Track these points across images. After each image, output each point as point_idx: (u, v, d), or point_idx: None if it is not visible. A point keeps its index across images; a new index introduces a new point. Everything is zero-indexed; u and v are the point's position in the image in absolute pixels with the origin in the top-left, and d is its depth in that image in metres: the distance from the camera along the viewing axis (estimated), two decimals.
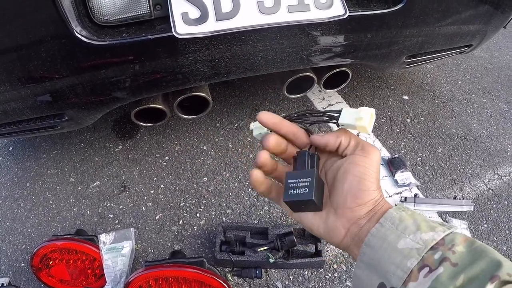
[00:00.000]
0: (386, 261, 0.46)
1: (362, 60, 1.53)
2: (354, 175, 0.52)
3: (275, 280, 1.41)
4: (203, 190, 1.73)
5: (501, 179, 1.82)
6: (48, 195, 1.78)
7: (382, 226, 0.48)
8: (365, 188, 0.51)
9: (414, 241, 0.45)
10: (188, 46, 1.16)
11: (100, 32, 1.12)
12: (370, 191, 0.51)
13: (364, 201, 0.51)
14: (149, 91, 1.31)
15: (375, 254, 0.47)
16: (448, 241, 0.45)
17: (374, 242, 0.48)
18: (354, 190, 0.51)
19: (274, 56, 1.31)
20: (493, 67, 2.65)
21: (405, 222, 0.47)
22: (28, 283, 1.46)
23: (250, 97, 2.26)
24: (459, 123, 2.13)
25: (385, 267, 0.46)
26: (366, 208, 0.51)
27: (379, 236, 0.48)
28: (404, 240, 0.46)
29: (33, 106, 1.28)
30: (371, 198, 0.51)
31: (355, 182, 0.51)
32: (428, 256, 0.44)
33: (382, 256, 0.46)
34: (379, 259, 0.47)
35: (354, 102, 2.23)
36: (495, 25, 1.73)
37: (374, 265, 0.47)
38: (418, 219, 0.48)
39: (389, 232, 0.47)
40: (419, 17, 1.44)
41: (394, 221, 0.48)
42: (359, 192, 0.51)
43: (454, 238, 0.45)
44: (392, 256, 0.46)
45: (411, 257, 0.44)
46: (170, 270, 1.22)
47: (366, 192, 0.51)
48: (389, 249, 0.46)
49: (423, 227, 0.46)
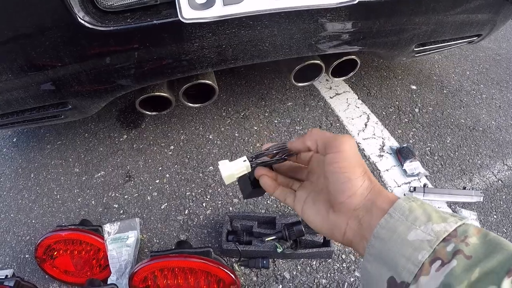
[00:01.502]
0: (396, 253, 0.44)
1: (371, 47, 1.50)
2: (332, 173, 0.52)
3: (282, 270, 1.39)
4: (209, 180, 1.72)
5: (510, 170, 1.79)
6: (53, 186, 1.76)
7: (391, 217, 0.46)
8: (345, 180, 0.51)
9: (425, 232, 0.43)
10: (194, 31, 1.14)
11: (104, 18, 1.10)
12: (351, 180, 0.51)
13: (352, 191, 0.51)
14: (154, 78, 1.29)
15: (384, 246, 0.45)
16: (460, 233, 0.43)
17: (383, 233, 0.46)
18: (337, 186, 0.52)
19: (282, 42, 1.29)
20: (501, 58, 2.60)
21: (415, 212, 0.46)
22: (32, 274, 1.45)
23: (256, 86, 2.23)
24: (467, 114, 2.09)
25: (394, 260, 0.44)
26: (359, 197, 0.51)
27: (388, 227, 0.46)
28: (415, 232, 0.44)
29: (36, 95, 1.27)
30: (357, 186, 0.51)
31: (335, 179, 0.52)
32: (441, 249, 0.42)
33: (391, 249, 0.45)
34: (388, 252, 0.45)
35: (362, 91, 2.20)
36: (504, 15, 1.70)
37: (383, 258, 0.45)
38: (429, 210, 0.46)
39: (399, 223, 0.45)
40: (429, 4, 1.40)
41: (404, 211, 0.46)
42: (342, 186, 0.51)
43: (467, 229, 0.43)
44: (402, 248, 0.44)
45: (422, 250, 0.42)
46: (176, 260, 1.21)
47: (348, 182, 0.51)
48: (399, 240, 0.44)
49: (435, 218, 0.45)
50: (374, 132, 1.95)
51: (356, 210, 0.51)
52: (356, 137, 1.92)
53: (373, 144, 1.88)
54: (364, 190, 0.51)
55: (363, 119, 2.02)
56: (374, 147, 1.86)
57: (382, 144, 1.88)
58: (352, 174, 0.51)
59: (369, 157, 1.81)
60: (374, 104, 2.12)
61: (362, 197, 0.51)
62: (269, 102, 2.12)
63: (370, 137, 1.92)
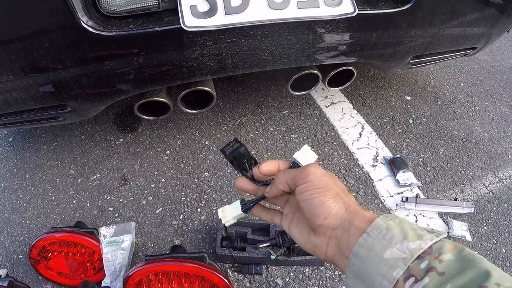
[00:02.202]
0: (373, 271, 0.46)
1: (368, 59, 1.52)
2: (304, 200, 0.55)
3: (275, 277, 1.40)
4: (205, 185, 1.73)
5: (501, 182, 1.82)
6: (48, 187, 1.76)
7: (369, 235, 0.48)
8: (318, 204, 0.53)
9: (400, 250, 0.45)
10: (195, 39, 1.15)
11: (106, 23, 1.11)
12: (324, 204, 0.53)
13: (326, 213, 0.53)
14: (154, 84, 1.30)
15: (363, 264, 0.47)
16: (436, 249, 0.44)
17: (361, 252, 0.48)
18: (312, 211, 0.54)
19: (281, 52, 1.31)
20: (496, 71, 2.65)
21: (392, 231, 0.47)
22: (25, 275, 1.44)
23: (253, 93, 2.25)
24: (461, 125, 2.13)
25: (372, 277, 0.46)
26: (334, 217, 0.53)
27: (366, 246, 0.48)
28: (391, 250, 0.45)
29: (35, 96, 1.27)
30: (330, 207, 0.53)
31: (308, 205, 0.54)
32: (414, 266, 0.43)
33: (369, 267, 0.46)
34: (366, 270, 0.47)
35: (357, 101, 2.22)
36: (499, 29, 1.73)
37: (362, 275, 0.47)
38: (406, 228, 0.47)
39: (376, 242, 0.47)
40: (426, 17, 1.43)
41: (381, 230, 0.48)
42: (316, 210, 0.53)
43: (443, 246, 0.44)
44: (378, 266, 0.45)
45: (397, 267, 0.44)
46: (171, 264, 1.21)
47: (321, 207, 0.53)
48: (376, 259, 0.46)
49: (410, 236, 0.46)
50: (368, 142, 1.97)
51: (334, 230, 0.53)
52: (350, 146, 1.94)
53: (367, 154, 1.90)
54: (339, 210, 0.53)
55: (358, 128, 2.05)
56: (368, 157, 1.88)
57: (376, 154, 1.90)
58: (323, 197, 0.53)
59: (363, 166, 1.83)
60: (369, 114, 2.14)
61: (338, 217, 0.52)
62: (266, 109, 2.14)
63: (364, 147, 1.94)
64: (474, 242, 1.56)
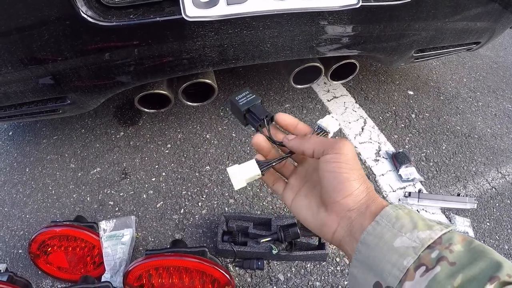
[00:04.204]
0: (382, 259, 0.45)
1: (371, 52, 1.51)
2: (329, 171, 0.53)
3: (277, 272, 1.39)
4: (206, 179, 1.71)
5: (504, 178, 1.81)
6: (48, 181, 1.75)
7: (378, 224, 0.48)
8: (343, 180, 0.52)
9: (410, 239, 0.45)
10: (196, 30, 1.14)
11: (106, 13, 1.09)
12: (350, 181, 0.51)
13: (348, 192, 0.51)
14: (155, 75, 1.29)
15: (371, 252, 0.47)
16: (445, 240, 0.44)
17: (370, 240, 0.47)
18: (333, 184, 0.52)
19: (283, 43, 1.29)
20: (498, 66, 2.63)
21: (402, 220, 0.47)
22: (25, 270, 1.43)
23: (254, 86, 2.23)
24: (463, 121, 2.11)
25: (380, 266, 0.45)
26: (354, 199, 0.51)
27: (375, 234, 0.47)
28: (401, 239, 0.45)
29: (35, 88, 1.26)
30: (353, 188, 0.51)
31: (332, 178, 0.52)
32: (425, 255, 0.43)
33: (378, 255, 0.46)
34: (374, 258, 0.46)
35: (359, 95, 2.21)
36: (503, 24, 1.71)
37: (370, 263, 0.46)
38: (415, 218, 0.47)
39: (385, 230, 0.46)
40: (430, 10, 1.41)
41: (391, 219, 0.47)
42: (339, 185, 0.52)
43: (452, 237, 0.44)
44: (388, 254, 0.45)
45: (407, 256, 0.43)
46: (171, 259, 1.20)
47: (346, 183, 0.51)
48: (385, 247, 0.45)
49: (420, 226, 0.46)
50: (370, 136, 1.95)
51: (350, 211, 0.51)
52: (352, 141, 1.92)
53: (369, 149, 1.88)
54: (360, 193, 0.52)
55: (360, 123, 2.03)
56: (370, 152, 1.87)
57: (378, 148, 1.89)
58: (350, 176, 0.52)
59: (365, 161, 1.82)
60: (371, 108, 2.13)
61: (357, 200, 0.51)
62: (267, 103, 2.12)
63: (367, 141, 1.92)
64: (476, 238, 1.55)
